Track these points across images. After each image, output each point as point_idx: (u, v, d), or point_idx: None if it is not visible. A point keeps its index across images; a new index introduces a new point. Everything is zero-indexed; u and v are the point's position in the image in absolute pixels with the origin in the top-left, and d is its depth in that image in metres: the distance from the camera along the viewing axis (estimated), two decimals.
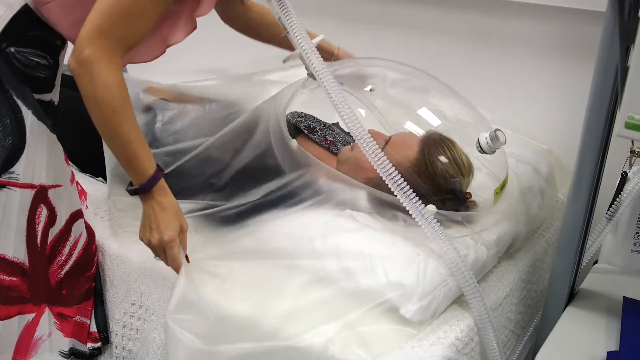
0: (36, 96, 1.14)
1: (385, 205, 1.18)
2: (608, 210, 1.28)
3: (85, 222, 1.26)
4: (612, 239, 1.34)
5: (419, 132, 1.28)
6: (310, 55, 1.08)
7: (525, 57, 1.65)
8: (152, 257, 1.12)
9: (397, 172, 1.06)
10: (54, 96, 1.18)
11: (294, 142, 1.26)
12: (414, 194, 1.06)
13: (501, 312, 1.23)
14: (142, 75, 1.77)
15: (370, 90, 1.38)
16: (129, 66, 2.00)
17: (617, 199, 1.27)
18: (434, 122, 1.29)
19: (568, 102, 1.60)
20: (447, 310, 1.13)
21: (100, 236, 1.31)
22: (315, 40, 1.13)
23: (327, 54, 1.41)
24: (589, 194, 1.13)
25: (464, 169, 1.23)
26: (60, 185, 1.17)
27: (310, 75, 1.24)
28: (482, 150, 1.22)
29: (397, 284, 1.07)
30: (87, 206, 1.28)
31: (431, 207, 1.15)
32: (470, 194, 1.24)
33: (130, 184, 1.10)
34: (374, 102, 1.39)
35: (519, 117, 1.62)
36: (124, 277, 1.25)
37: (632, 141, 1.27)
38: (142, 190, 1.09)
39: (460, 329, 1.08)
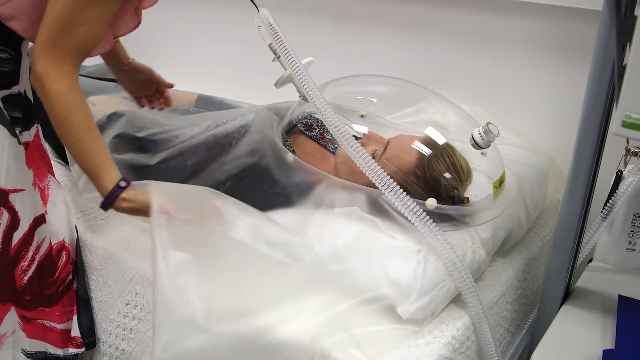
0: (7, 92, 1.13)
1: (387, 203, 1.17)
2: (603, 208, 1.28)
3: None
4: (607, 237, 1.35)
5: (418, 134, 1.27)
6: (303, 76, 1.13)
7: (520, 56, 1.65)
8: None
9: (387, 175, 1.07)
10: (21, 87, 1.17)
11: (290, 155, 1.26)
12: (408, 195, 1.07)
13: (497, 311, 1.23)
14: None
15: (362, 116, 1.39)
16: None
17: (612, 198, 1.27)
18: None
19: (563, 101, 1.60)
20: (444, 309, 1.13)
21: (94, 236, 1.30)
22: (306, 61, 1.18)
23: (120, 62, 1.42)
24: (585, 192, 1.13)
25: (463, 175, 1.23)
26: (22, 190, 1.15)
27: (303, 97, 1.26)
28: (476, 145, 1.22)
29: (395, 282, 1.07)
30: (45, 211, 1.23)
31: (431, 201, 1.15)
32: (468, 198, 1.24)
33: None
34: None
35: (514, 116, 1.62)
36: (117, 277, 1.24)
37: (627, 140, 1.27)
38: (102, 206, 1.09)
39: (457, 327, 1.08)
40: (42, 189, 1.22)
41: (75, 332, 1.28)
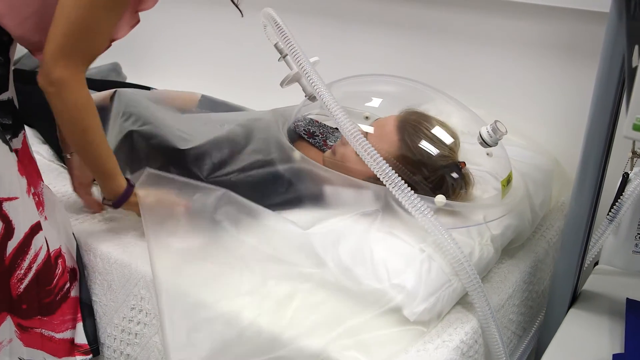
0: None
1: (390, 200, 1.16)
2: (609, 211, 1.28)
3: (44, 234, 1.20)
4: (613, 240, 1.35)
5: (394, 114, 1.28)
6: (311, 74, 1.13)
7: (525, 58, 1.64)
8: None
9: (394, 171, 1.07)
10: (12, 93, 1.15)
11: (297, 153, 1.25)
12: (415, 193, 1.07)
13: (504, 314, 1.23)
14: (143, 78, 1.75)
15: (366, 118, 1.38)
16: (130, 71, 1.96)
17: (619, 200, 1.27)
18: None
19: (568, 103, 1.59)
20: (451, 312, 1.12)
21: (98, 239, 1.28)
22: (312, 60, 1.18)
23: None
24: (592, 194, 1.13)
25: (449, 143, 1.23)
26: (16, 198, 1.12)
27: (308, 97, 1.26)
28: (484, 143, 1.22)
29: (400, 286, 1.06)
30: (45, 217, 1.21)
31: (440, 198, 1.14)
32: (464, 163, 1.23)
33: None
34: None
35: (518, 118, 1.61)
36: (123, 281, 1.22)
37: (634, 142, 1.27)
38: (115, 205, 1.20)
39: (465, 331, 1.07)
40: (36, 196, 1.20)
41: (82, 339, 1.25)
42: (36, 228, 1.17)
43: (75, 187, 1.37)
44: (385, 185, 1.09)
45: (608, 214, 1.28)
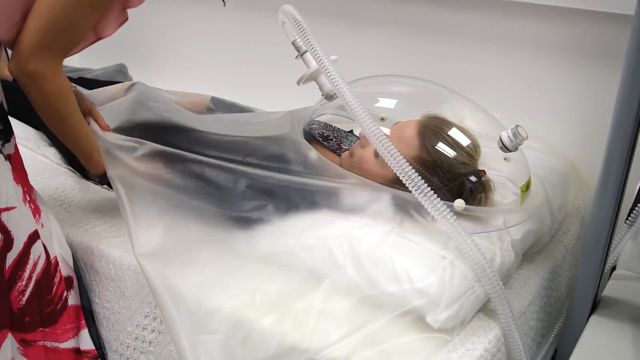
0: None
1: (409, 205, 1.14)
2: (628, 216, 1.26)
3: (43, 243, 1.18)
4: (632, 245, 1.33)
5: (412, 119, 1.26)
6: (333, 72, 1.11)
7: (539, 60, 1.63)
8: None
9: (417, 174, 1.05)
10: (0, 97, 1.12)
11: (314, 152, 1.23)
12: (438, 197, 1.04)
13: (524, 321, 1.21)
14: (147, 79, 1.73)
15: (382, 119, 1.37)
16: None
17: (638, 205, 1.25)
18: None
19: (583, 106, 1.58)
20: (474, 320, 1.10)
21: (111, 245, 1.25)
22: (332, 58, 1.16)
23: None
24: (615, 200, 1.11)
25: (470, 150, 1.21)
26: (14, 207, 1.10)
27: (325, 96, 1.24)
28: (504, 148, 1.20)
29: (423, 292, 1.04)
30: (42, 225, 1.19)
31: (459, 203, 1.12)
32: (484, 171, 1.21)
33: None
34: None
35: (532, 121, 1.59)
36: (137, 288, 1.20)
37: None
38: (103, 181, 1.24)
39: (488, 339, 1.06)
40: (32, 203, 1.17)
41: (89, 345, 1.23)
42: (34, 237, 1.14)
43: None
44: (405, 189, 1.07)
45: (627, 219, 1.27)
